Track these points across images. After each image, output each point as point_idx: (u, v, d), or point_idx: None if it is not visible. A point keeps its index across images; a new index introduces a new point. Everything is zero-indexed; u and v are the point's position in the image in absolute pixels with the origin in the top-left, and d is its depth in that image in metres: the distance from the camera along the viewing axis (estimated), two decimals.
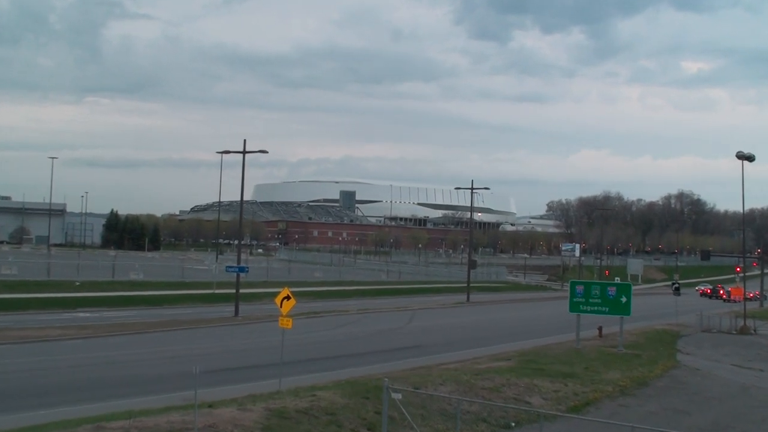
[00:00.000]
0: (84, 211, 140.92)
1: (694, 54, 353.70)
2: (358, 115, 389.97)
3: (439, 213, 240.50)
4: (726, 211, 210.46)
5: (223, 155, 43.60)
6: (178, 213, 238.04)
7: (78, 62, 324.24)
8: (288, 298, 19.97)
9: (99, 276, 54.47)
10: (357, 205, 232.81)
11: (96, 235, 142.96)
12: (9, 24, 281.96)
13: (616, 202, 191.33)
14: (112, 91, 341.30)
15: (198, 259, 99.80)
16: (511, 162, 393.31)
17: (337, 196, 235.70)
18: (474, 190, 62.00)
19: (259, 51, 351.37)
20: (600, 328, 34.63)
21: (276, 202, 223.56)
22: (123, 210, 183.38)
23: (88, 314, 36.68)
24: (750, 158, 43.49)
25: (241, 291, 42.65)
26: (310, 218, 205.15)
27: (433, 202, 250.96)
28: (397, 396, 13.71)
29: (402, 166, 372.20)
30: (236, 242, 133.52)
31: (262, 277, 65.57)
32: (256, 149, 39.91)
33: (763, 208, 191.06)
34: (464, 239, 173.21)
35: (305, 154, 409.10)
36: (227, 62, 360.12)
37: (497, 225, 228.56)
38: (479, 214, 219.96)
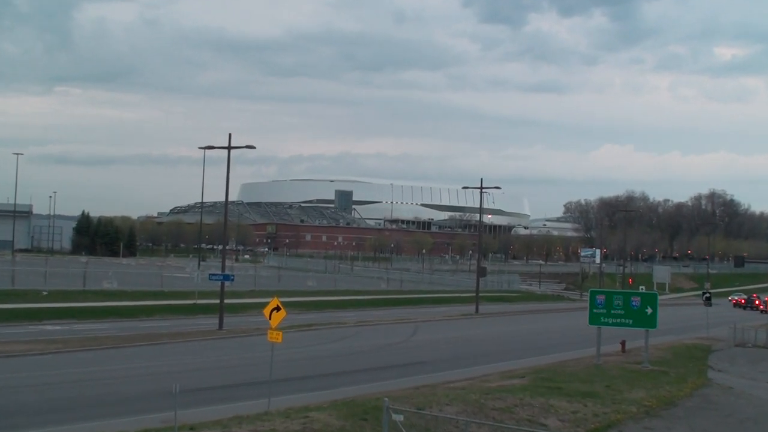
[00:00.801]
0: (52, 213, 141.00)
1: (729, 39, 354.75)
2: (356, 106, 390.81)
3: (444, 215, 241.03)
4: (762, 213, 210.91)
5: (207, 151, 43.62)
6: (156, 215, 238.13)
7: (47, 48, 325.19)
8: (277, 309, 20.00)
9: (69, 285, 54.46)
10: (354, 206, 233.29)
11: (65, 240, 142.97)
12: None
13: (640, 202, 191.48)
14: (84, 81, 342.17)
15: (178, 266, 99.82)
16: (524, 159, 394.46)
17: (332, 197, 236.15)
18: (483, 190, 62.07)
19: (246, 35, 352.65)
20: (623, 343, 34.67)
21: (264, 203, 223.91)
22: (95, 212, 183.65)
23: (56, 327, 36.69)
24: None
25: (226, 301, 42.63)
26: (302, 221, 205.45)
27: (438, 203, 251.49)
28: (399, 417, 13.72)
29: (404, 164, 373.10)
30: (220, 247, 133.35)
31: (249, 286, 65.54)
32: (243, 144, 39.97)
33: None
34: (473, 244, 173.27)
35: (297, 150, 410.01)
36: (212, 48, 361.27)
37: (509, 228, 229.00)
38: (489, 216, 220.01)
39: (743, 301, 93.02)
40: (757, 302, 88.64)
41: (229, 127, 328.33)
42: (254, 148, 40.21)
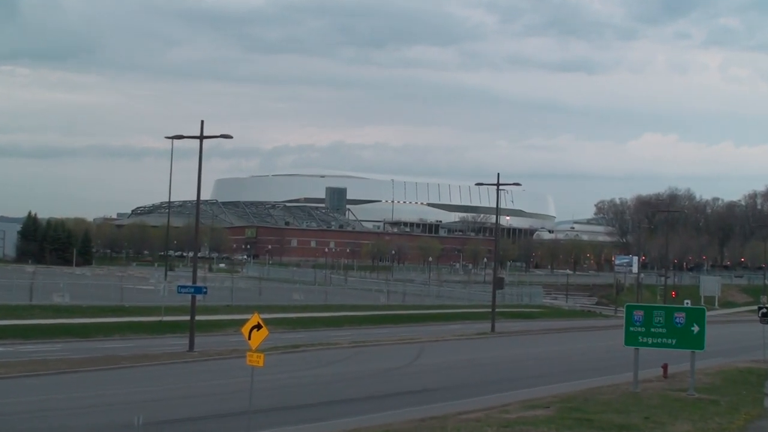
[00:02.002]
0: None
1: None
2: (352, 89, 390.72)
3: (455, 216, 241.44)
4: None
5: (176, 141, 43.70)
6: (115, 217, 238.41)
7: None
8: (258, 327, 19.95)
9: (12, 299, 54.41)
10: (349, 206, 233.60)
11: (9, 246, 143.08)
12: None
13: (685, 201, 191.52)
14: (33, 59, 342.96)
15: (142, 276, 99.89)
16: (550, 150, 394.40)
17: (322, 195, 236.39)
18: (501, 187, 62.06)
19: (224, 5, 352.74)
20: (665, 366, 34.62)
21: (243, 203, 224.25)
22: (44, 213, 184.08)
23: None
24: None
25: (198, 318, 42.61)
26: (287, 223, 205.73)
27: (448, 203, 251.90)
28: None
29: (408, 156, 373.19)
30: (191, 255, 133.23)
31: (225, 300, 65.56)
32: (218, 133, 39.98)
33: None
34: (488, 250, 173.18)
35: (282, 140, 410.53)
36: (183, 20, 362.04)
37: (531, 232, 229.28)
38: (507, 218, 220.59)
39: None
40: None
41: (203, 113, 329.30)
42: (231, 137, 40.24)
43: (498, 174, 61.01)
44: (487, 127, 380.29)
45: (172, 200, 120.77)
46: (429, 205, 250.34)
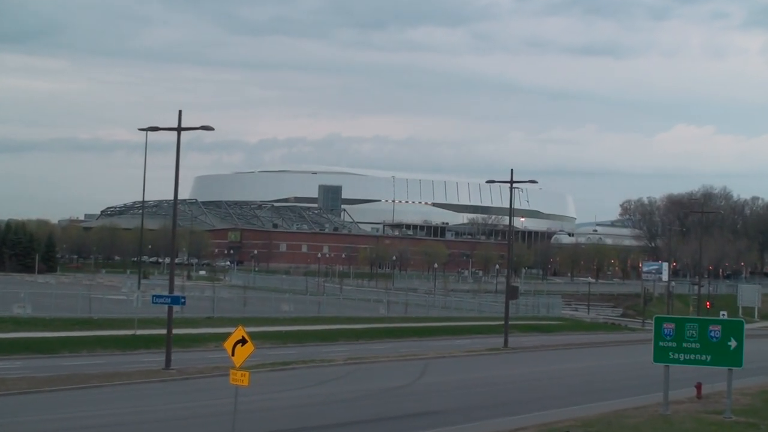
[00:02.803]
0: None
1: None
2: (349, 75, 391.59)
3: (463, 218, 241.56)
4: None
5: (150, 134, 43.71)
6: (83, 218, 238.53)
7: None
8: (243, 342, 19.95)
9: None
10: (344, 206, 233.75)
11: None
12: None
13: (721, 201, 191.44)
14: None
15: (112, 284, 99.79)
16: (570, 144, 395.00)
17: (315, 194, 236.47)
18: (515, 185, 62.07)
19: None
20: (698, 386, 34.59)
21: (226, 203, 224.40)
22: (3, 214, 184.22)
23: None
24: None
25: (176, 332, 42.56)
26: (275, 225, 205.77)
27: (455, 203, 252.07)
28: None
29: (411, 150, 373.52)
30: (167, 261, 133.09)
31: (206, 312, 65.52)
32: (198, 125, 39.98)
33: None
34: (500, 256, 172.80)
35: (270, 133, 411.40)
36: None
37: (549, 235, 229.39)
38: (522, 219, 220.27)
39: None
40: None
41: (182, 102, 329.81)
42: (212, 129, 40.23)
43: (512, 170, 60.96)
44: (500, 118, 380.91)
45: (146, 200, 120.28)
46: (434, 205, 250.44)
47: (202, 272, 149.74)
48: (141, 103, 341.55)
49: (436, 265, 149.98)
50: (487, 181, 70.69)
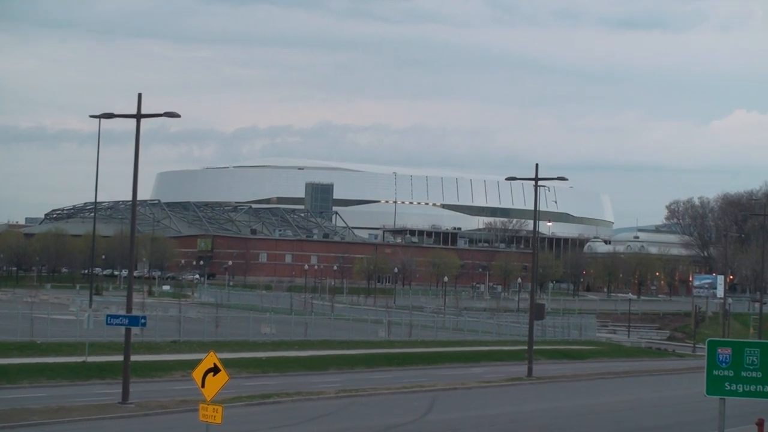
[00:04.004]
0: None
1: None
2: (344, 51, 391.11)
3: (478, 222, 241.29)
4: None
5: (105, 122, 43.74)
6: (23, 222, 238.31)
7: None
8: (215, 370, 19.97)
9: None
10: (336, 208, 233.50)
11: None
12: None
13: None
14: None
15: (59, 302, 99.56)
16: (607, 133, 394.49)
17: (301, 193, 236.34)
18: (541, 182, 62.11)
19: None
20: (760, 422, 34.65)
21: (195, 204, 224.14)
22: None
23: None
24: None
25: (135, 358, 42.53)
26: (253, 231, 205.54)
27: (469, 204, 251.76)
28: None
29: (417, 141, 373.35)
30: (125, 273, 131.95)
31: (171, 335, 65.52)
32: (161, 111, 40.03)
33: None
34: (523, 268, 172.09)
35: (249, 121, 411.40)
36: None
37: (581, 243, 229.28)
38: (549, 223, 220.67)
39: None
40: None
41: (143, 84, 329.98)
42: (178, 116, 40.22)
43: (537, 165, 61.04)
44: (524, 104, 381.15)
45: (99, 200, 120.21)
46: (444, 206, 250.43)
47: (167, 287, 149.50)
48: (94, 86, 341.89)
49: (446, 279, 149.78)
50: (508, 178, 70.65)
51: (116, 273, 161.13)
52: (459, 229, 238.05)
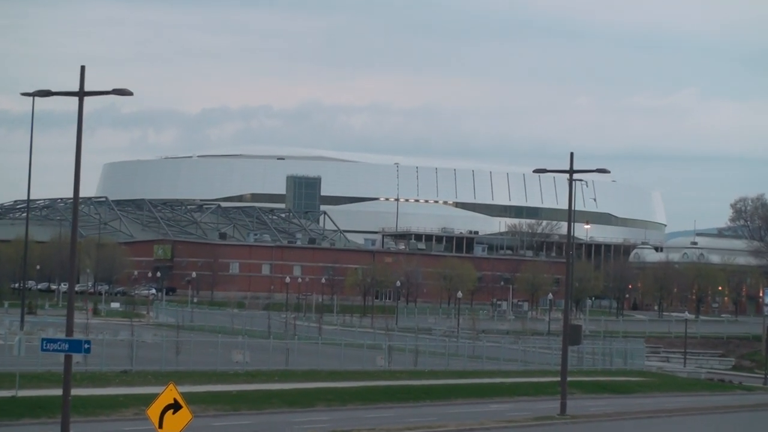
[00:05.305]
0: None
1: None
2: (337, 14, 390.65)
3: (500, 224, 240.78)
4: None
5: (39, 101, 43.65)
6: None
7: None
8: (175, 407, 19.89)
9: None
10: (325, 207, 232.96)
11: None
12: None
13: None
14: None
15: None
16: (660, 114, 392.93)
17: (282, 189, 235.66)
18: (576, 176, 62.04)
19: None
20: None
21: (151, 202, 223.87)
22: None
23: None
24: None
25: (77, 393, 42.41)
26: (223, 236, 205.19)
27: (488, 202, 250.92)
28: None
29: (425, 125, 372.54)
30: (64, 287, 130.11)
31: (121, 363, 65.46)
32: (110, 88, 39.92)
33: None
34: (555, 280, 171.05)
35: (218, 99, 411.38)
36: None
37: (626, 250, 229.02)
38: (587, 226, 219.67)
39: None
40: None
41: (87, 55, 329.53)
42: (130, 94, 40.12)
43: (571, 154, 60.83)
44: (557, 79, 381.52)
45: (33, 198, 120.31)
46: (457, 205, 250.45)
47: (116, 305, 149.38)
48: (28, 57, 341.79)
49: (460, 295, 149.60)
50: (536, 171, 70.57)
51: (54, 287, 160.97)
52: (476, 233, 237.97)
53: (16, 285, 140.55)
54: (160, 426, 20.20)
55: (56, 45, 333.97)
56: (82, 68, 39.48)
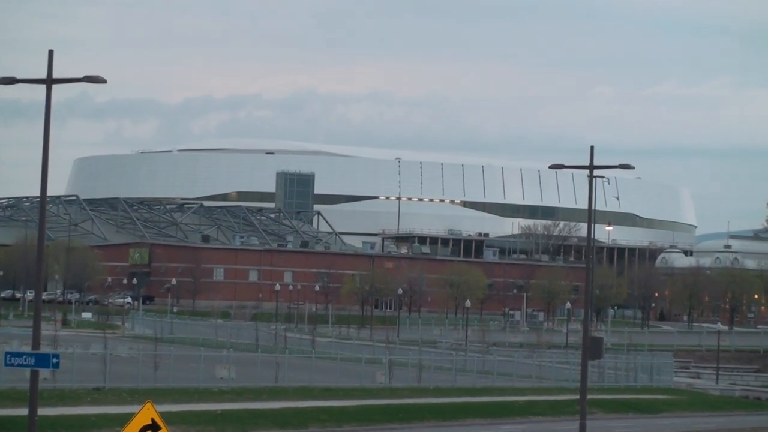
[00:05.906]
0: None
1: None
2: None
3: (512, 225, 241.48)
4: None
5: (3, 89, 43.57)
6: None
7: None
8: (153, 428, 19.85)
9: None
10: (319, 206, 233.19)
11: None
12: None
13: None
14: None
15: None
16: (690, 105, 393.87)
17: (271, 187, 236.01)
18: (597, 172, 62.01)
19: None
20: None
21: (126, 201, 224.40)
22: None
23: None
24: None
25: (44, 412, 42.35)
26: (205, 238, 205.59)
27: (500, 201, 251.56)
28: None
29: (429, 116, 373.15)
30: (30, 295, 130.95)
31: (93, 379, 65.97)
32: (81, 75, 39.83)
33: None
34: (574, 288, 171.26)
35: (201, 88, 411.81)
36: None
37: (652, 254, 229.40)
38: (609, 227, 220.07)
39: None
40: None
41: (56, 39, 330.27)
42: (104, 81, 40.08)
43: (591, 148, 60.76)
44: (576, 65, 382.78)
45: None
46: (465, 204, 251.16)
47: (88, 315, 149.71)
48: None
49: (468, 304, 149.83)
50: (552, 167, 70.51)
51: (19, 295, 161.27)
52: (486, 235, 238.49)
53: None
54: None
55: (23, 28, 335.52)
56: (50, 53, 39.42)
